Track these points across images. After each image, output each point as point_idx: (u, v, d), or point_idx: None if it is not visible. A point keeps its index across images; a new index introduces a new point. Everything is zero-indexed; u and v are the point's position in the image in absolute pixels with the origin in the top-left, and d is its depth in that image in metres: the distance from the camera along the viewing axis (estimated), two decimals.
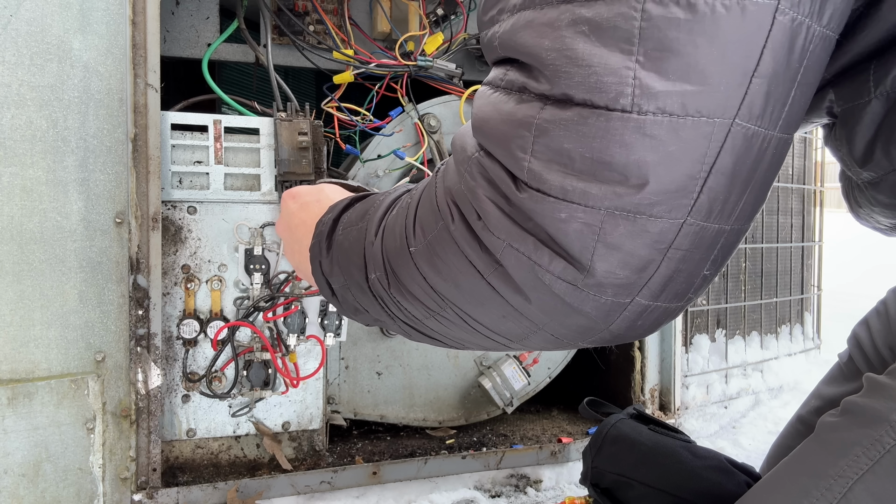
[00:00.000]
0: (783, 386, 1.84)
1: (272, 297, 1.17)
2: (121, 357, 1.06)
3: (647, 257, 0.47)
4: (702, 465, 0.85)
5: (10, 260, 0.99)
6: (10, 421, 1.00)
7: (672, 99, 0.42)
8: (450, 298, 0.56)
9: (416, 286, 0.58)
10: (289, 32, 1.27)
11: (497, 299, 0.52)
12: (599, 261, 0.47)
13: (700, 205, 0.45)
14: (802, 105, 0.47)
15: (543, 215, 0.47)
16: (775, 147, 0.47)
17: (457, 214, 0.53)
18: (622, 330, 0.52)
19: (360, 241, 0.67)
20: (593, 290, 0.48)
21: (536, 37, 0.46)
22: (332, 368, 1.36)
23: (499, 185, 0.49)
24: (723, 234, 0.48)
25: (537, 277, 0.49)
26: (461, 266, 0.53)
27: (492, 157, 0.50)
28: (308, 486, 1.18)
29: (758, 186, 0.48)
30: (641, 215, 0.45)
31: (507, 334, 0.56)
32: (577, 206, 0.45)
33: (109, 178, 1.03)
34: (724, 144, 0.44)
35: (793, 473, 0.63)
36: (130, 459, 1.07)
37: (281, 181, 1.15)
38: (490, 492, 1.28)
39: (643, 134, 0.43)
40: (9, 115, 0.98)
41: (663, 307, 0.51)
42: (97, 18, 1.01)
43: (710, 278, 0.52)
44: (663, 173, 0.44)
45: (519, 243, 0.49)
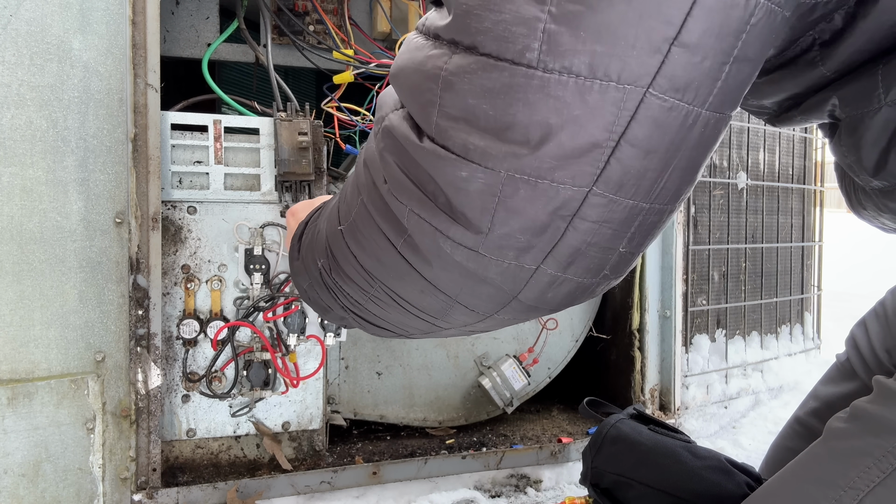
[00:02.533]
0: (783, 386, 1.84)
1: (272, 297, 1.16)
2: (121, 357, 1.06)
3: (548, 223, 0.44)
4: (702, 466, 0.85)
5: (10, 260, 0.99)
6: (10, 421, 1.00)
7: (580, 59, 0.40)
8: (377, 276, 0.55)
9: (349, 266, 0.57)
10: (289, 32, 1.27)
11: (412, 273, 0.51)
12: (499, 224, 0.45)
13: (608, 176, 0.43)
14: (742, 82, 0.44)
15: (444, 174, 0.45)
16: (704, 125, 0.43)
17: (370, 183, 0.52)
18: (532, 300, 0.50)
19: (313, 240, 0.67)
20: (494, 254, 0.46)
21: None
22: (332, 368, 1.36)
23: (404, 144, 0.47)
24: (640, 212, 0.45)
25: (439, 245, 0.47)
26: (378, 239, 0.52)
27: (404, 114, 0.48)
28: (308, 486, 1.18)
29: (683, 166, 0.45)
30: (543, 180, 0.43)
31: (430, 310, 0.55)
32: (477, 167, 0.44)
33: (109, 178, 1.03)
34: (636, 115, 0.41)
35: (800, 480, 0.62)
36: (130, 459, 1.07)
37: (281, 181, 1.15)
38: (490, 492, 1.28)
39: (547, 94, 0.41)
40: (9, 115, 0.98)
41: (576, 281, 0.49)
42: (97, 18, 1.01)
43: (629, 257, 0.49)
44: (565, 138, 0.41)
45: (420, 208, 0.47)
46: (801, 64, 0.56)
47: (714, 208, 1.64)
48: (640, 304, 1.48)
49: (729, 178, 1.68)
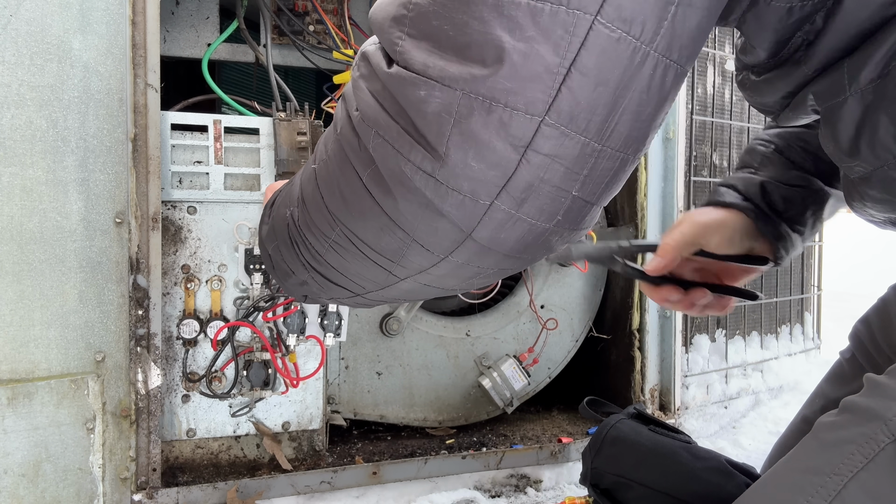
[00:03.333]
0: (783, 386, 1.84)
1: (272, 297, 1.16)
2: (121, 357, 1.06)
3: (502, 152, 0.45)
4: (701, 467, 0.85)
5: (10, 260, 0.99)
6: (10, 421, 1.00)
7: None
8: (339, 217, 0.57)
9: (315, 209, 0.59)
10: (289, 32, 1.27)
11: (374, 209, 0.52)
12: (454, 148, 0.46)
13: (560, 105, 0.44)
14: (689, 29, 0.45)
15: (406, 94, 0.46)
16: (653, 68, 0.44)
17: (344, 115, 0.54)
18: (486, 239, 0.50)
19: (287, 194, 0.68)
20: (450, 182, 0.47)
21: None
22: (332, 368, 1.36)
23: (375, 71, 0.49)
24: (592, 152, 0.46)
25: (401, 169, 0.48)
26: (346, 172, 0.54)
27: (379, 45, 0.50)
28: (308, 486, 1.18)
29: (633, 108, 0.45)
30: (498, 103, 0.44)
31: (388, 253, 0.56)
32: (434, 84, 0.45)
33: (109, 178, 1.03)
34: (586, 42, 0.42)
35: (789, 471, 0.63)
36: (130, 459, 1.07)
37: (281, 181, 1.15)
38: (490, 492, 1.28)
39: (501, 13, 0.42)
40: (9, 115, 0.98)
41: (529, 222, 0.49)
42: (97, 18, 1.01)
43: (583, 205, 0.50)
44: (518, 58, 0.43)
45: (385, 131, 0.48)
46: (790, 64, 0.59)
47: None
48: (640, 304, 1.48)
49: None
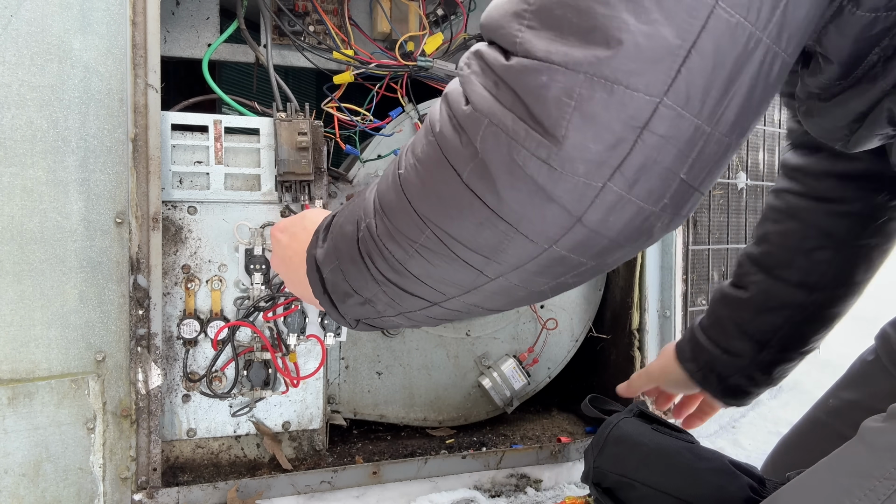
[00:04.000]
0: (783, 386, 1.84)
1: (272, 297, 1.16)
2: (121, 357, 1.06)
3: (620, 133, 0.46)
4: (704, 468, 0.85)
5: (10, 260, 0.99)
6: (10, 421, 1.00)
7: None
8: (431, 217, 0.56)
9: (400, 216, 0.59)
10: (289, 33, 1.27)
11: (475, 202, 0.52)
12: (573, 131, 0.46)
13: (678, 86, 0.45)
14: (798, 17, 0.47)
15: (525, 83, 0.47)
16: (763, 54, 0.46)
17: (445, 112, 0.54)
18: (594, 222, 0.50)
19: (353, 211, 0.67)
20: (565, 167, 0.48)
21: None
22: (333, 368, 1.36)
23: (491, 65, 0.50)
24: (702, 134, 0.48)
25: (512, 158, 0.49)
26: (442, 172, 0.54)
27: (491, 44, 0.52)
28: (308, 485, 1.18)
29: (743, 93, 0.47)
30: (619, 84, 0.45)
31: (484, 249, 0.55)
32: (557, 68, 0.46)
33: (110, 178, 1.03)
34: (706, 24, 0.44)
35: (833, 473, 0.62)
36: (131, 459, 1.07)
37: (281, 181, 1.15)
38: (490, 491, 1.28)
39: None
40: (9, 116, 0.98)
41: (638, 204, 0.50)
42: (97, 19, 1.01)
43: (689, 190, 0.51)
44: (643, 40, 0.44)
45: (499, 119, 0.49)
46: (865, 81, 0.58)
47: (713, 208, 1.65)
48: (639, 304, 1.48)
49: (728, 178, 1.68)
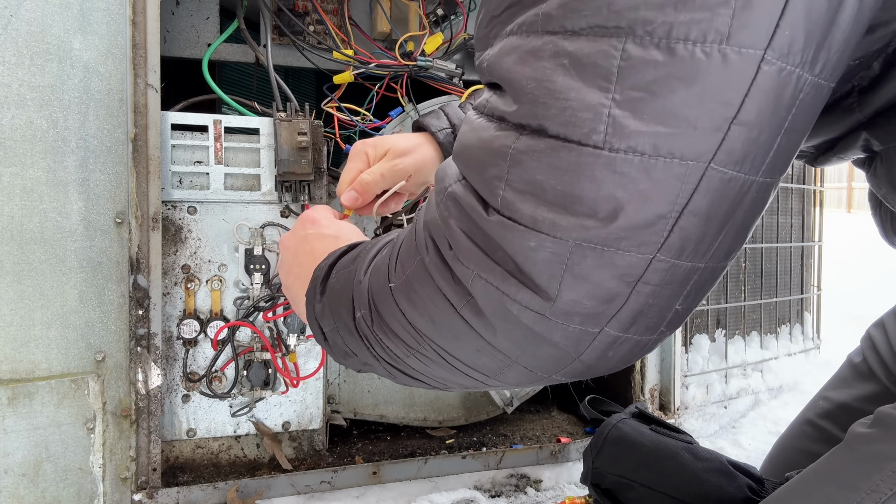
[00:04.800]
0: (783, 386, 1.84)
1: (272, 297, 1.17)
2: (121, 357, 1.06)
3: (614, 289, 0.46)
4: (703, 468, 0.85)
5: (10, 260, 0.99)
6: (10, 421, 1.00)
7: (644, 139, 0.42)
8: (427, 335, 0.56)
9: (395, 322, 0.58)
10: (289, 32, 1.27)
11: (471, 333, 0.52)
12: (566, 290, 0.47)
13: (671, 243, 0.45)
14: (790, 151, 0.47)
15: (513, 243, 0.47)
16: (756, 191, 0.46)
17: (431, 247, 0.53)
18: (593, 360, 0.51)
19: (349, 282, 0.66)
20: (560, 318, 0.48)
21: (519, 64, 0.46)
22: (332, 368, 1.36)
23: (470, 214, 0.49)
24: (696, 271, 0.48)
25: (505, 308, 0.49)
26: (436, 300, 0.53)
27: (467, 185, 0.50)
28: (308, 485, 1.18)
29: (736, 227, 0.47)
30: (609, 248, 0.45)
31: (483, 369, 0.56)
32: (545, 237, 0.45)
33: (109, 178, 1.03)
34: (698, 187, 0.43)
35: (821, 482, 0.62)
36: (130, 459, 1.07)
37: (281, 181, 1.15)
38: (490, 492, 1.28)
39: (613, 171, 0.43)
40: (9, 115, 0.98)
41: (634, 339, 0.50)
42: (97, 19, 1.01)
43: (684, 313, 0.51)
44: (632, 210, 0.44)
45: (487, 273, 0.49)
46: (838, 111, 0.58)
47: None
48: None
49: None
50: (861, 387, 0.97)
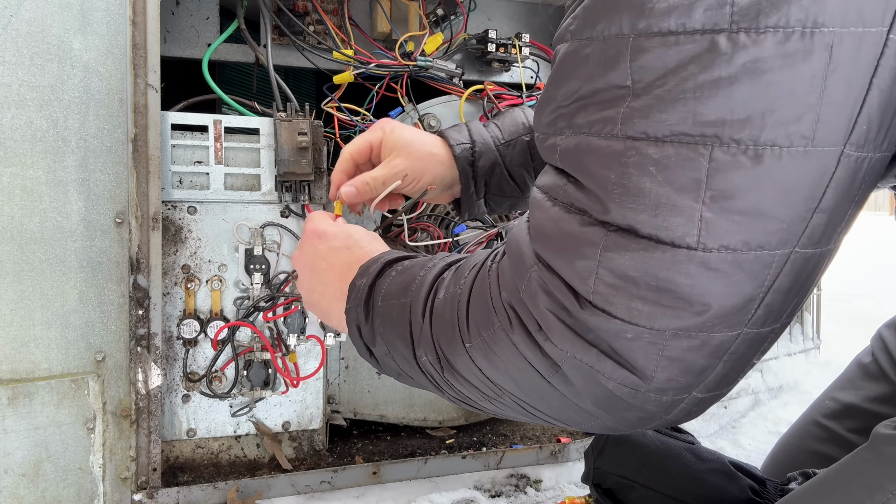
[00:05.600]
0: (783, 386, 1.84)
1: (272, 297, 1.16)
2: (121, 357, 1.06)
3: (706, 364, 0.49)
4: (705, 469, 0.85)
5: (10, 260, 0.99)
6: (10, 421, 1.00)
7: (736, 237, 0.44)
8: (508, 389, 0.58)
9: (471, 375, 0.60)
10: (289, 32, 1.27)
11: (557, 394, 0.54)
12: (661, 371, 0.49)
13: (757, 317, 0.48)
14: (856, 216, 0.50)
15: (608, 333, 0.48)
16: (829, 256, 0.50)
17: (515, 321, 0.54)
18: (679, 418, 0.55)
19: (404, 318, 0.67)
20: (655, 393, 0.50)
21: (602, 167, 0.47)
22: (333, 368, 1.36)
23: (560, 300, 0.50)
24: (775, 332, 0.51)
25: (598, 382, 0.51)
26: (520, 365, 0.55)
27: (553, 272, 0.51)
28: (308, 485, 1.18)
29: (805, 292, 0.50)
30: (703, 332, 0.47)
31: (566, 420, 0.58)
32: (642, 329, 0.47)
33: (110, 178, 1.03)
34: (783, 269, 0.46)
35: (845, 483, 0.62)
36: (131, 459, 1.07)
37: (281, 181, 1.15)
38: (490, 492, 1.28)
39: (707, 268, 0.45)
40: (9, 116, 0.98)
41: (716, 394, 0.54)
42: (97, 19, 1.01)
43: (754, 363, 0.55)
44: (726, 300, 0.46)
45: (582, 354, 0.50)
46: None
47: None
48: None
49: None
50: (871, 387, 0.97)
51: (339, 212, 0.99)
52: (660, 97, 0.44)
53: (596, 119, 0.47)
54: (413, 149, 0.98)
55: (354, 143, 1.01)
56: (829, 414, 1.00)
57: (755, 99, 0.41)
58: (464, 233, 1.25)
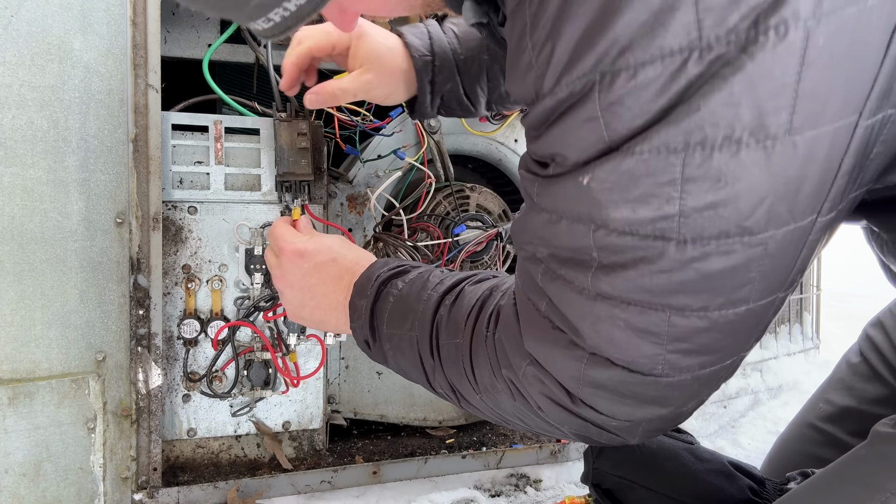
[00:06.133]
0: (782, 386, 1.84)
1: (272, 297, 1.17)
2: (121, 357, 1.06)
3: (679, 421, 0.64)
4: (704, 469, 0.85)
5: (10, 260, 0.99)
6: (10, 421, 1.00)
7: (694, 367, 0.55)
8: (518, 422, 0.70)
9: (485, 409, 0.71)
10: None
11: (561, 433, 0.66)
12: (642, 437, 0.63)
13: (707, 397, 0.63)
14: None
15: (597, 419, 0.60)
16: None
17: (517, 393, 0.64)
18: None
19: (413, 351, 0.75)
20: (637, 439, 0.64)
21: (578, 317, 0.55)
22: (333, 368, 1.37)
23: (554, 392, 0.60)
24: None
25: (591, 439, 0.64)
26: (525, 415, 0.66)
27: (545, 371, 0.60)
28: (308, 485, 1.18)
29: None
30: (673, 417, 0.61)
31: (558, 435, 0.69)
32: (623, 422, 0.59)
33: (110, 178, 1.04)
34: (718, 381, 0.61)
35: (844, 481, 0.62)
36: (131, 459, 1.07)
37: (281, 181, 1.15)
38: (490, 491, 1.28)
39: (673, 387, 0.56)
40: (10, 116, 0.98)
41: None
42: (98, 19, 1.01)
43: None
44: (688, 399, 0.59)
45: (576, 428, 0.62)
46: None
47: None
48: None
49: None
50: (866, 388, 0.97)
51: (296, 216, 1.03)
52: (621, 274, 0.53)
53: (576, 278, 0.55)
54: (383, 63, 0.97)
55: (315, 37, 0.99)
56: (824, 417, 1.00)
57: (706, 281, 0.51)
58: (463, 233, 1.25)
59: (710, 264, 0.49)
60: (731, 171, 0.44)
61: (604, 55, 0.45)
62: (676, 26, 0.42)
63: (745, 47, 0.42)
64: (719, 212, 0.46)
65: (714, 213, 0.46)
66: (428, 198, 1.26)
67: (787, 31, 0.41)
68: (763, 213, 0.46)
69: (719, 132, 0.44)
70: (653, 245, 0.49)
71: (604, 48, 0.45)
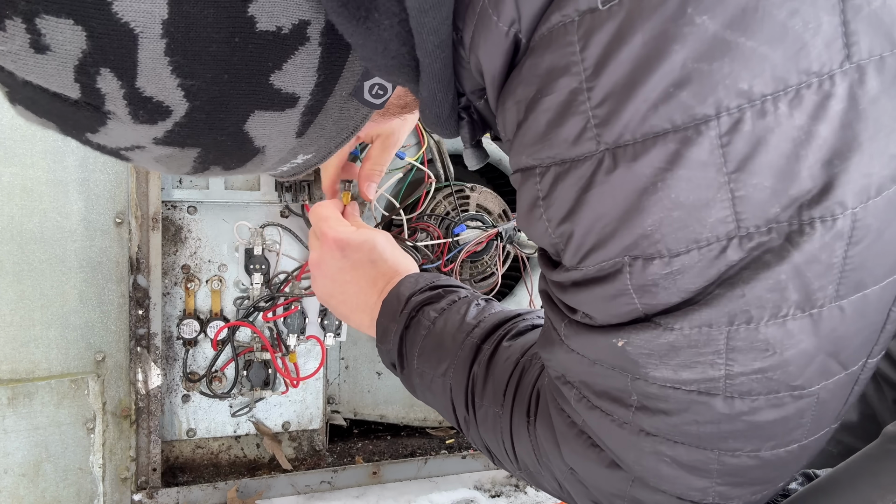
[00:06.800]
0: None
1: (272, 297, 1.16)
2: (121, 357, 1.06)
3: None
4: None
5: (10, 260, 0.99)
6: (10, 421, 1.00)
7: (745, 497, 0.54)
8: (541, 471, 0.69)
9: (524, 478, 0.71)
10: None
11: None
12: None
13: None
14: None
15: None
16: None
17: (563, 489, 0.64)
18: None
19: (445, 397, 0.74)
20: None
21: (620, 449, 0.54)
22: (332, 368, 1.36)
23: (599, 500, 0.60)
24: None
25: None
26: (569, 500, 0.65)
27: (586, 483, 0.60)
28: (308, 485, 1.18)
29: None
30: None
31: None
32: (678, 500, 0.56)
33: (109, 178, 1.03)
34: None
35: (855, 481, 0.62)
36: (130, 459, 1.07)
37: (280, 181, 1.15)
38: (490, 491, 1.28)
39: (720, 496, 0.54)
40: (9, 115, 0.98)
41: None
42: None
43: None
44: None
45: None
46: None
47: None
48: None
49: None
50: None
51: (346, 201, 1.00)
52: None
53: (606, 407, 0.54)
54: (395, 123, 1.02)
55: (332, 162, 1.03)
56: None
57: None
58: (463, 233, 1.25)
59: (761, 416, 0.48)
60: (779, 341, 0.44)
61: (632, 246, 0.44)
62: (713, 222, 0.41)
63: (789, 237, 0.41)
64: (768, 375, 0.45)
65: (763, 376, 0.45)
66: (428, 198, 1.26)
67: (835, 222, 0.40)
68: (813, 371, 0.46)
69: (765, 312, 0.43)
70: (698, 399, 0.48)
71: (632, 240, 0.44)
